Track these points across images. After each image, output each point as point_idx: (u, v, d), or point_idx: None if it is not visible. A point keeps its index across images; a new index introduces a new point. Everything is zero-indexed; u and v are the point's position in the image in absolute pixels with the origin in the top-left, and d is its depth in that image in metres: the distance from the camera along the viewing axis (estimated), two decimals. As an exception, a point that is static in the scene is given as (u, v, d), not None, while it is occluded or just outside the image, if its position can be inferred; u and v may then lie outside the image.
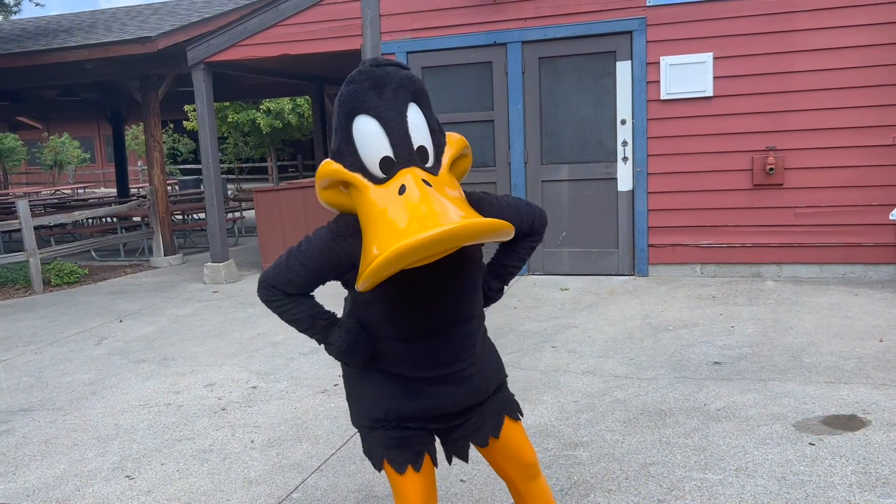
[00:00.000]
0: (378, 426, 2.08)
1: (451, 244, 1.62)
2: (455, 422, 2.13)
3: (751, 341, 4.96)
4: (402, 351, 2.00)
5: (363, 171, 1.83)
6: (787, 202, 6.67)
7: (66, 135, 30.00)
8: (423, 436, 2.10)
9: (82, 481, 3.53)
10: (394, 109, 1.81)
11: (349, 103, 1.84)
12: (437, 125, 1.91)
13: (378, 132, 1.81)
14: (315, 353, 5.34)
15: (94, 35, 9.69)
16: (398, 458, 2.06)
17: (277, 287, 1.97)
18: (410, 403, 2.03)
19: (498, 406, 2.18)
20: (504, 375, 2.26)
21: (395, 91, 1.82)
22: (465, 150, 1.96)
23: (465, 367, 2.04)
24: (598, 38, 6.96)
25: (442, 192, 1.75)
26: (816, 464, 3.20)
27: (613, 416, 3.85)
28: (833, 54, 6.43)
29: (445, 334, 1.98)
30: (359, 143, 1.83)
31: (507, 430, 2.18)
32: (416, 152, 1.81)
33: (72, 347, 5.95)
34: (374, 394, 2.05)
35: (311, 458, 3.62)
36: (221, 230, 8.55)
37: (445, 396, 2.04)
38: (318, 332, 2.02)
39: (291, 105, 23.50)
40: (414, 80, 1.88)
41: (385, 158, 1.80)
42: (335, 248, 1.92)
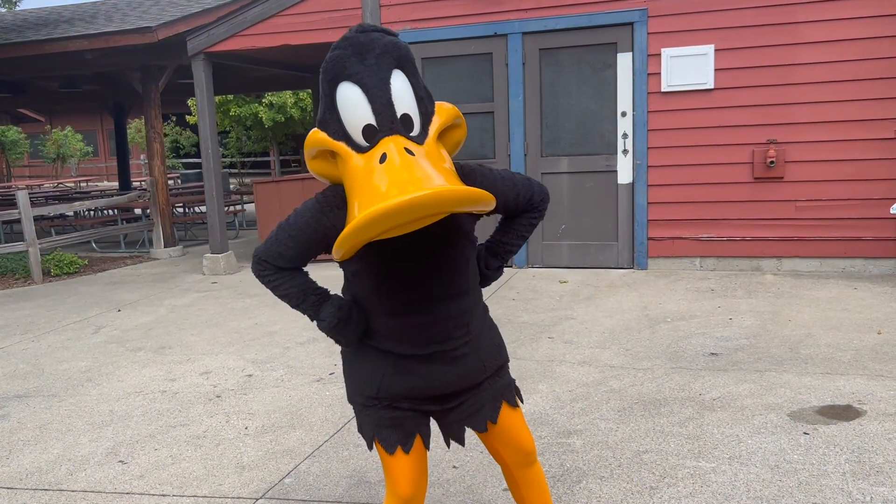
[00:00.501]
0: (371, 404, 2.05)
1: (430, 210, 1.57)
2: (450, 403, 2.07)
3: (748, 333, 4.94)
4: (391, 326, 1.97)
5: (347, 140, 1.79)
6: (787, 195, 6.64)
7: (68, 128, 30.02)
8: (415, 417, 2.06)
9: (75, 465, 3.53)
10: (376, 76, 1.77)
11: (332, 70, 1.81)
12: (424, 93, 1.86)
13: (360, 99, 1.77)
14: (311, 342, 5.33)
15: (95, 25, 9.68)
16: (389, 438, 2.04)
17: (268, 261, 1.97)
18: (401, 381, 2.00)
19: (496, 390, 2.12)
20: (505, 358, 2.17)
21: (379, 57, 1.78)
22: (456, 120, 1.90)
23: (458, 346, 1.99)
24: (599, 30, 6.93)
25: (425, 160, 1.71)
26: (810, 452, 3.19)
27: (608, 406, 3.84)
28: (834, 46, 6.40)
29: (434, 309, 1.94)
30: (342, 110, 1.79)
31: (505, 416, 2.13)
32: (399, 120, 1.77)
33: (69, 336, 5.95)
34: (367, 371, 2.03)
35: (304, 444, 3.61)
36: (221, 221, 8.55)
37: (437, 375, 1.99)
38: (309, 307, 2.00)
39: (294, 99, 23.47)
40: (399, 45, 1.82)
41: (368, 126, 1.76)
42: (322, 220, 1.90)
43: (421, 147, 1.76)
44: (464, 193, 1.59)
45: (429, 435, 2.13)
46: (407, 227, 1.65)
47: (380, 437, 2.06)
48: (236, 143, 27.33)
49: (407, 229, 1.66)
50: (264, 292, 7.15)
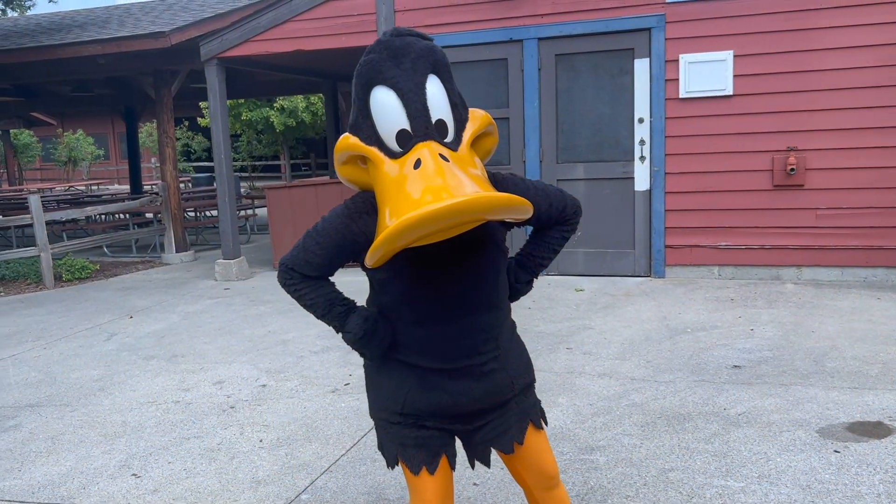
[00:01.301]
0: (396, 421, 1.97)
1: (464, 217, 1.53)
2: (476, 423, 2.00)
3: (771, 345, 4.84)
4: (418, 338, 1.90)
5: (380, 145, 1.75)
6: (808, 203, 6.53)
7: (80, 131, 30.15)
8: (441, 437, 1.98)
9: (88, 479, 3.47)
10: (411, 80, 1.72)
11: (366, 74, 1.76)
12: (459, 99, 1.81)
13: (395, 104, 1.72)
14: (325, 351, 5.27)
15: (108, 30, 9.67)
16: (413, 458, 1.97)
17: (295, 269, 1.91)
18: (427, 397, 1.92)
19: (522, 411, 2.04)
20: (532, 377, 2.10)
21: (414, 61, 1.73)
22: (489, 128, 1.86)
23: (487, 361, 1.92)
24: (616, 35, 6.85)
25: (460, 167, 1.66)
26: (842, 472, 3.09)
27: (630, 420, 3.75)
28: (856, 52, 6.29)
29: (463, 321, 1.88)
30: (375, 115, 1.75)
31: (529, 438, 2.05)
32: (434, 126, 1.73)
33: (81, 343, 5.91)
34: (392, 386, 1.96)
35: (320, 458, 3.54)
36: (233, 227, 8.50)
37: (464, 391, 1.91)
38: (334, 318, 1.94)
39: (305, 103, 23.48)
40: (435, 50, 1.78)
41: (402, 131, 1.72)
42: (351, 226, 1.84)
43: (455, 153, 1.71)
44: (499, 200, 1.53)
45: (454, 455, 2.05)
46: (440, 235, 1.60)
47: (404, 457, 1.99)
48: (247, 146, 27.35)
49: (440, 237, 1.61)
50: (277, 299, 7.10)
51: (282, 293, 7.35)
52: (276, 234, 8.74)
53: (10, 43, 9.94)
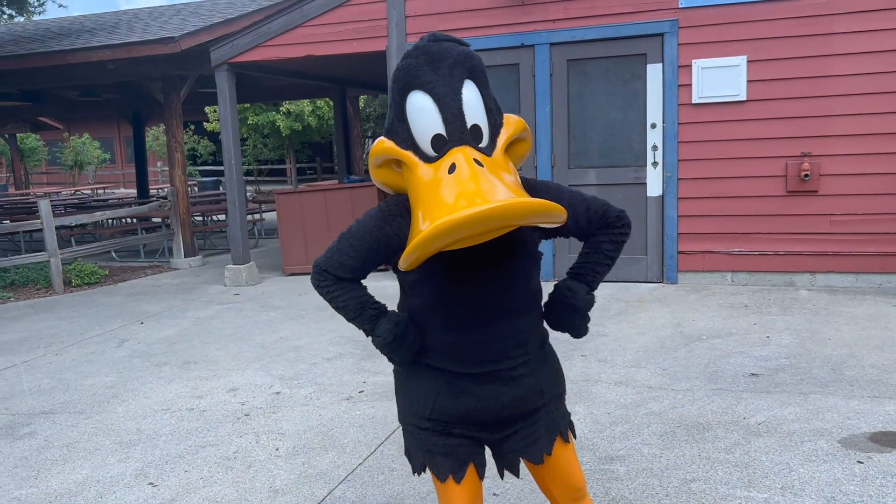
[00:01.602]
0: (424, 426, 1.96)
1: (498, 222, 1.53)
2: (505, 431, 1.98)
3: (788, 352, 4.81)
4: (447, 342, 1.89)
5: (415, 149, 1.77)
6: (822, 209, 6.49)
7: (86, 135, 30.21)
8: (469, 445, 1.97)
9: (105, 487, 3.45)
10: (448, 85, 1.74)
11: (404, 78, 1.78)
12: (494, 105, 1.83)
13: (431, 108, 1.74)
14: (338, 358, 5.24)
15: (117, 35, 9.68)
16: (441, 465, 1.96)
17: (328, 271, 1.91)
18: (455, 402, 1.91)
19: (552, 421, 2.02)
20: (562, 389, 2.08)
21: (451, 67, 1.75)
22: (523, 133, 1.86)
23: (515, 366, 1.91)
24: (629, 41, 6.83)
25: (494, 172, 1.66)
26: (867, 483, 3.06)
27: (649, 429, 3.72)
28: (871, 58, 6.26)
29: (492, 325, 1.87)
30: (411, 119, 1.77)
31: (558, 450, 2.04)
32: (469, 131, 1.74)
33: (93, 349, 5.89)
34: (421, 391, 1.96)
35: (337, 467, 3.51)
36: (243, 232, 8.49)
37: (492, 396, 1.90)
38: (365, 321, 1.94)
39: (311, 107, 23.49)
40: (471, 56, 1.79)
41: (437, 136, 1.74)
42: (385, 228, 1.85)
43: (489, 158, 1.72)
44: (533, 205, 1.53)
45: (483, 465, 2.03)
46: (473, 240, 1.61)
47: (431, 465, 1.98)
48: (253, 150, 27.38)
49: (472, 241, 1.61)
50: (288, 304, 7.08)
51: (292, 299, 7.34)
52: (286, 239, 8.72)
53: (20, 48, 9.96)
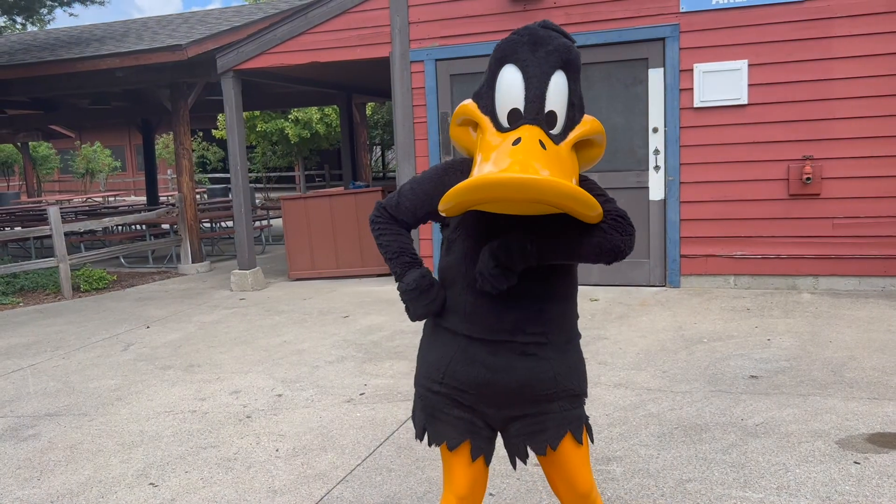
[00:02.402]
0: (435, 391, 2.05)
1: (533, 194, 1.61)
2: (512, 412, 2.01)
3: (788, 355, 4.81)
4: (468, 302, 1.97)
5: (492, 117, 1.89)
6: (824, 213, 6.49)
7: (97, 143, 30.46)
8: (473, 422, 2.04)
9: (106, 488, 3.49)
10: (540, 68, 1.85)
11: (504, 50, 1.90)
12: (578, 102, 1.91)
13: (518, 84, 1.85)
14: (340, 361, 5.28)
15: (126, 43, 9.79)
16: (439, 432, 2.06)
17: (387, 209, 2.06)
18: (467, 369, 1.99)
19: (565, 418, 2.03)
20: (582, 389, 2.08)
21: (549, 53, 1.86)
22: (597, 137, 1.93)
23: (529, 343, 1.96)
24: (630, 45, 6.86)
25: (552, 157, 1.76)
26: (863, 484, 3.06)
27: (647, 431, 3.73)
28: (872, 61, 6.26)
29: (512, 296, 1.93)
30: (499, 89, 1.88)
31: (567, 449, 2.05)
32: (545, 115, 1.84)
33: (99, 353, 5.96)
34: (437, 355, 2.05)
35: (336, 468, 3.54)
36: (249, 238, 8.56)
37: (502, 369, 1.96)
38: (398, 265, 2.04)
39: (319, 115, 23.61)
40: (571, 49, 1.89)
41: (514, 110, 1.85)
42: (444, 178, 2.00)
43: (554, 146, 1.82)
44: (569, 189, 1.61)
45: (486, 450, 2.07)
46: (512, 208, 1.73)
47: (430, 428, 2.09)
48: (262, 158, 27.52)
49: (512, 209, 1.75)
50: (292, 309, 7.13)
51: (296, 303, 7.39)
52: (292, 245, 8.78)
53: (30, 57, 10.08)
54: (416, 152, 7.68)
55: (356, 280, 8.52)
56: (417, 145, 7.67)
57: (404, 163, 7.74)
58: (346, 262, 8.65)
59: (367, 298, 7.26)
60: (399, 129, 7.70)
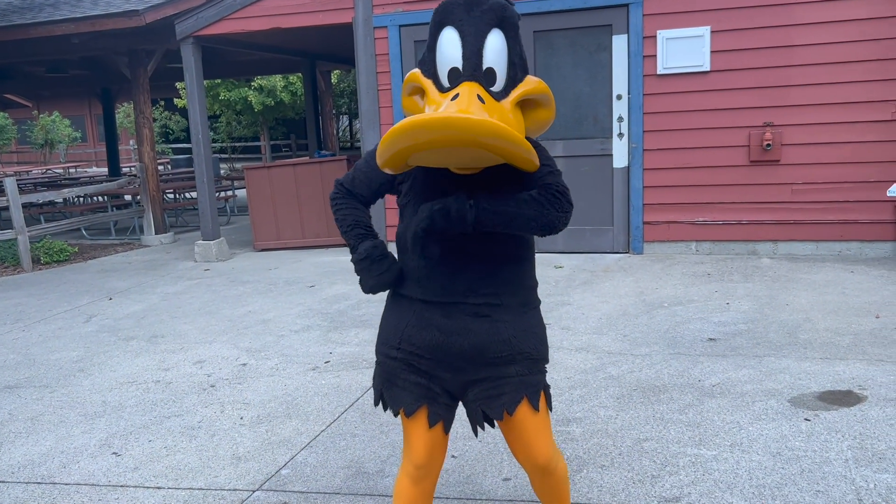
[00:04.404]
0: (392, 356, 2.08)
1: (462, 133, 1.61)
2: (468, 376, 2.04)
3: (746, 318, 4.92)
4: (420, 267, 2.01)
5: (434, 79, 1.92)
6: (783, 178, 6.60)
7: (56, 113, 29.69)
8: (430, 388, 2.06)
9: (68, 458, 3.48)
10: (474, 26, 1.87)
11: (441, 13, 1.92)
12: (518, 60, 1.92)
13: (455, 44, 1.88)
14: (306, 330, 5.28)
15: (81, 8, 9.50)
16: (395, 398, 2.09)
17: (343, 184, 2.11)
18: (421, 333, 2.02)
19: (522, 383, 2.04)
20: (539, 354, 2.08)
21: (484, 12, 1.88)
22: (541, 97, 1.94)
23: (481, 304, 1.99)
24: (594, 11, 6.85)
25: (491, 110, 1.77)
26: (812, 439, 3.17)
27: (607, 393, 3.81)
28: (832, 28, 6.34)
29: (462, 259, 1.97)
30: (439, 51, 1.91)
31: (523, 416, 2.05)
32: (483, 72, 1.86)
33: (60, 325, 5.88)
34: (394, 321, 2.09)
35: (300, 434, 3.56)
36: (212, 208, 8.46)
37: (455, 331, 1.98)
38: (352, 237, 2.07)
39: (284, 83, 23.24)
40: (506, 7, 1.91)
41: (453, 69, 1.88)
42: None
43: (494, 102, 1.83)
44: (502, 131, 1.60)
45: (443, 416, 2.09)
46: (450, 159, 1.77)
47: (387, 395, 2.12)
48: (226, 127, 27.07)
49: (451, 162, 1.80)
50: (257, 279, 7.09)
51: (262, 274, 7.35)
52: (256, 215, 8.70)
53: (-19, 22, 9.75)
54: (381, 120, 7.62)
55: (322, 250, 8.49)
56: (382, 113, 7.61)
57: (369, 131, 7.68)
58: (311, 232, 8.61)
59: (333, 268, 7.24)
60: (363, 97, 7.63)
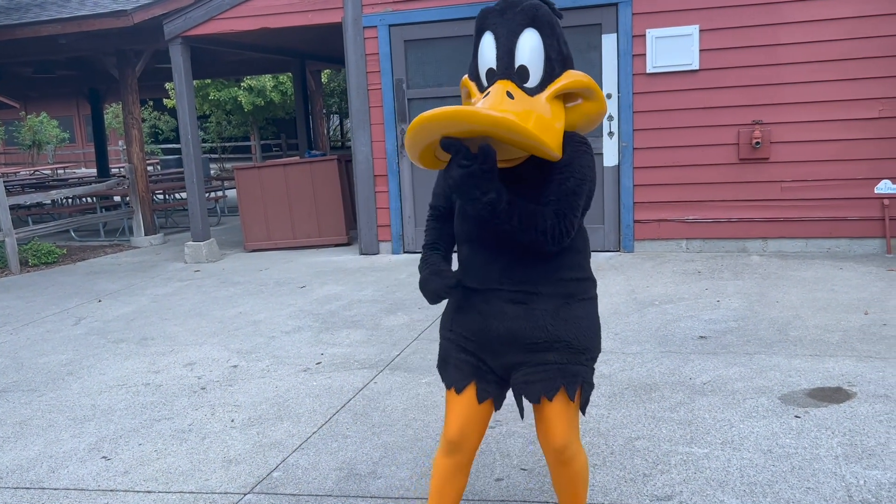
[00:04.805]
0: (448, 338, 2.27)
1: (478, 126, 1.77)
2: (507, 358, 2.15)
3: (736, 315, 4.93)
4: (465, 256, 2.18)
5: (477, 81, 2.10)
6: (773, 176, 6.63)
7: (44, 114, 29.49)
8: (477, 366, 2.20)
9: (57, 462, 3.45)
10: (507, 28, 2.01)
11: (480, 20, 2.09)
12: (557, 56, 2.03)
13: (491, 46, 2.02)
14: (297, 331, 5.26)
15: (69, 9, 9.43)
16: (449, 374, 2.25)
17: (430, 204, 2.32)
18: (466, 317, 2.19)
19: (562, 371, 2.10)
20: (581, 344, 2.10)
21: (517, 14, 2.01)
22: (584, 90, 2.03)
23: (516, 291, 2.09)
24: (584, 10, 6.85)
25: (522, 104, 1.89)
26: (802, 436, 3.18)
27: (598, 391, 3.81)
28: (819, 26, 6.37)
29: (495, 247, 2.09)
30: (479, 55, 2.07)
31: (554, 404, 2.12)
32: (516, 70, 1.99)
33: (49, 328, 5.84)
34: (450, 307, 2.28)
35: (292, 436, 3.55)
36: (202, 208, 8.42)
37: (494, 314, 2.11)
38: (422, 259, 2.26)
39: (273, 82, 23.16)
40: (538, 7, 2.03)
41: (490, 70, 2.03)
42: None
43: (526, 96, 1.95)
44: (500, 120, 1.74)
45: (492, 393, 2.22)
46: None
47: (442, 370, 2.29)
48: (216, 127, 26.96)
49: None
50: (248, 280, 7.07)
51: (252, 275, 7.33)
52: (246, 215, 8.67)
53: (-33, 23, 9.66)
54: (371, 120, 7.60)
55: (313, 250, 8.46)
56: (373, 112, 7.59)
57: (360, 130, 7.67)
58: (302, 233, 8.58)
59: (325, 268, 7.22)
60: (353, 97, 7.61)
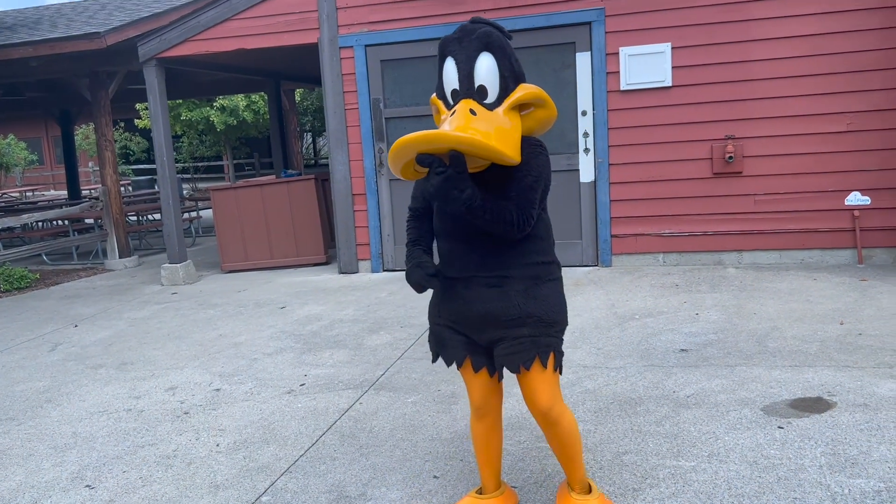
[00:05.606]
0: (437, 323, 2.61)
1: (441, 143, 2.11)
2: (489, 334, 2.47)
3: (715, 328, 5.00)
4: (444, 249, 2.50)
5: (444, 100, 2.41)
6: (746, 190, 6.75)
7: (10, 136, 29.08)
8: (467, 343, 2.55)
9: (39, 493, 3.39)
10: (465, 54, 2.32)
11: (442, 47, 2.40)
12: (510, 73, 2.35)
13: (452, 70, 2.35)
14: (279, 353, 5.23)
15: (40, 31, 9.36)
16: (447, 354, 2.60)
17: (409, 207, 2.61)
18: (450, 304, 2.51)
19: (536, 342, 2.43)
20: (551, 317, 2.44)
21: (472, 41, 2.33)
22: (534, 100, 2.35)
23: (492, 277, 2.41)
24: (558, 30, 6.95)
25: (483, 119, 2.21)
26: (786, 447, 3.23)
27: (584, 407, 3.84)
28: (787, 43, 6.52)
29: (472, 240, 2.41)
30: (444, 77, 2.39)
31: (532, 371, 2.45)
32: (476, 89, 2.32)
33: (24, 355, 5.74)
34: (436, 297, 2.61)
35: (279, 459, 3.53)
36: (178, 230, 8.35)
37: (474, 298, 2.43)
38: (407, 253, 2.55)
39: (246, 102, 23.10)
40: (491, 34, 2.34)
41: (454, 90, 2.35)
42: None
43: (487, 111, 2.28)
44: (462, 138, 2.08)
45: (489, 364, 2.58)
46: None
47: (442, 353, 2.62)
48: (189, 147, 26.78)
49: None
50: (226, 302, 7.01)
51: (231, 296, 7.27)
52: (223, 236, 8.61)
53: (-65, 46, 9.53)
54: (348, 139, 7.62)
55: (292, 270, 8.43)
56: (350, 132, 7.62)
57: (337, 150, 7.68)
58: (280, 252, 8.55)
59: (304, 288, 7.20)
60: (330, 117, 7.63)
